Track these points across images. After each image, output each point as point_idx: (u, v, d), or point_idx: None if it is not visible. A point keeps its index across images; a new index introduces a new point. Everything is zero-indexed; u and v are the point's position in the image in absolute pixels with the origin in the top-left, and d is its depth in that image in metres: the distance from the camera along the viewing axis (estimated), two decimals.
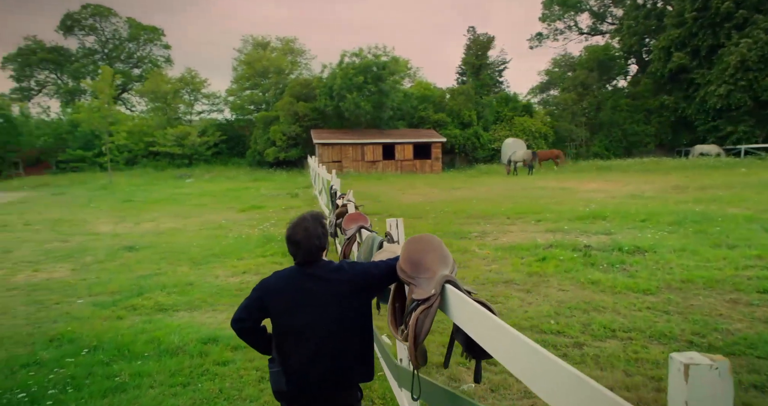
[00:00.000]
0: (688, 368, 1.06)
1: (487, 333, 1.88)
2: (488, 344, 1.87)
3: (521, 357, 1.61)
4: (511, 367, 1.70)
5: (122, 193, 22.14)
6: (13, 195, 25.45)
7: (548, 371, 1.46)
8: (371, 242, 3.84)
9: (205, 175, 32.18)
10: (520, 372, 1.62)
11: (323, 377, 2.39)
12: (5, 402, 3.61)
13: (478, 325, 1.95)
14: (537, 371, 1.52)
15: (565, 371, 1.37)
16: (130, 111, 52.18)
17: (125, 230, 12.64)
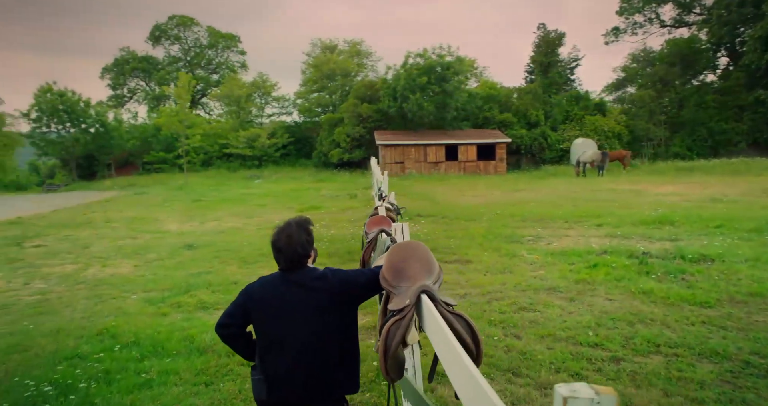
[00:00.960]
0: (566, 402, 0.98)
1: (442, 350, 1.82)
2: (443, 360, 1.82)
3: (461, 380, 1.56)
4: (454, 385, 1.65)
5: (194, 193, 23.44)
6: (104, 194, 27.65)
7: (480, 398, 1.40)
8: (384, 247, 3.82)
9: (273, 176, 33.39)
10: (459, 393, 1.57)
11: (303, 388, 2.35)
12: (34, 394, 3.92)
13: (437, 341, 1.90)
14: (471, 397, 1.46)
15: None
16: (208, 115, 55.09)
17: (190, 228, 13.38)
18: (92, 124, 40.63)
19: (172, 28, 58.37)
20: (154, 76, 56.30)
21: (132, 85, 58.46)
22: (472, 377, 1.46)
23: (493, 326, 5.49)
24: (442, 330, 1.91)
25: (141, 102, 58.06)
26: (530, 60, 43.52)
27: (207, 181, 30.42)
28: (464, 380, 1.52)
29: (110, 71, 56.09)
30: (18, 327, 5.70)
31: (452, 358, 1.70)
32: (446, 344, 1.83)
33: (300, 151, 41.09)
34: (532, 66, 43.33)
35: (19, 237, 12.34)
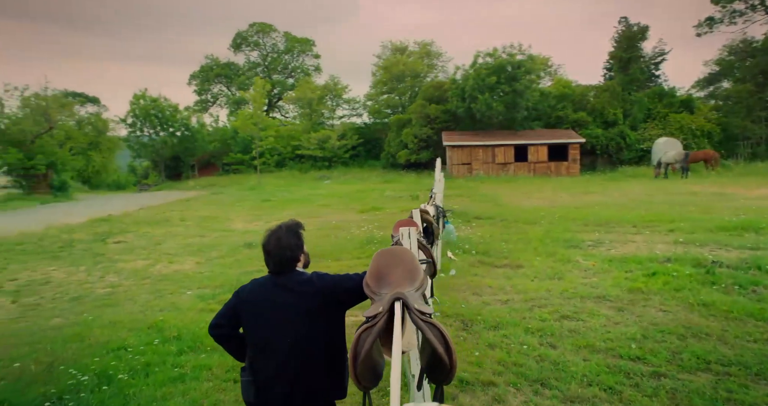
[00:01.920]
0: None
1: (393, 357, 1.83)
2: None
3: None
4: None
5: (265, 194, 24.46)
6: (186, 194, 29.52)
7: None
8: None
9: (341, 177, 34.13)
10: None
11: (289, 392, 2.37)
12: (75, 382, 4.24)
13: (395, 349, 1.90)
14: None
15: None
16: (283, 117, 57.26)
17: (255, 227, 14.00)
18: (178, 128, 43.57)
19: (252, 35, 61.18)
20: (235, 81, 59.33)
21: (215, 91, 61.92)
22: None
23: (529, 334, 5.34)
24: (396, 337, 1.93)
25: (223, 106, 61.45)
26: (609, 56, 41.44)
27: (278, 182, 31.63)
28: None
29: (196, 78, 59.73)
30: (82, 318, 6.26)
31: (394, 365, 1.71)
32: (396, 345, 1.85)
33: (369, 152, 41.68)
34: (611, 62, 41.23)
35: (105, 233, 13.49)
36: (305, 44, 61.34)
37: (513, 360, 4.71)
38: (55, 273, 9.17)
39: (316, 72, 61.55)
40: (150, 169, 49.92)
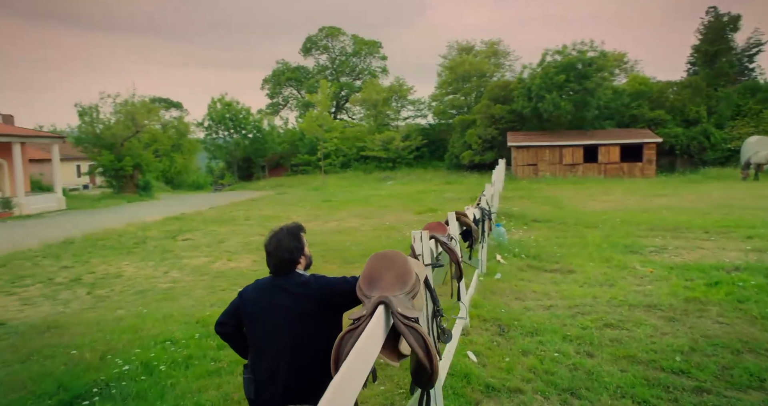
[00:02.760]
0: None
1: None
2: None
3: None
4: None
5: (327, 194, 25.06)
6: (255, 194, 30.81)
7: None
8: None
9: (404, 178, 34.28)
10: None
11: (284, 391, 2.43)
12: (119, 371, 4.56)
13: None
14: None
15: None
16: (350, 119, 58.29)
17: (313, 227, 14.40)
18: (250, 131, 45.57)
19: (322, 39, 62.75)
20: (305, 84, 61.13)
21: (286, 94, 64.10)
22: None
23: (567, 341, 5.18)
24: (376, 342, 2.00)
25: (293, 109, 63.54)
26: (693, 50, 38.84)
27: (342, 183, 32.27)
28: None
29: (269, 82, 62.12)
30: (142, 311, 6.75)
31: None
32: (372, 356, 1.92)
33: (433, 153, 41.56)
34: (695, 56, 38.62)
35: (176, 231, 14.41)
36: (372, 46, 62.11)
37: (545, 368, 4.60)
38: (127, 267, 9.94)
39: (382, 74, 62.13)
40: (224, 170, 52.49)
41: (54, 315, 6.92)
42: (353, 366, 1.75)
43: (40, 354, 5.29)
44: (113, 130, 32.25)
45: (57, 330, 6.11)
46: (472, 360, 4.80)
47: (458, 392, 4.20)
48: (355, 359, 1.80)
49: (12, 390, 4.47)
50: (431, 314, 3.29)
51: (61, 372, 4.65)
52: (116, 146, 31.90)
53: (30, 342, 5.77)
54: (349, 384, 1.67)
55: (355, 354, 1.82)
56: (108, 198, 29.33)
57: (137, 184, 32.50)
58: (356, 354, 1.82)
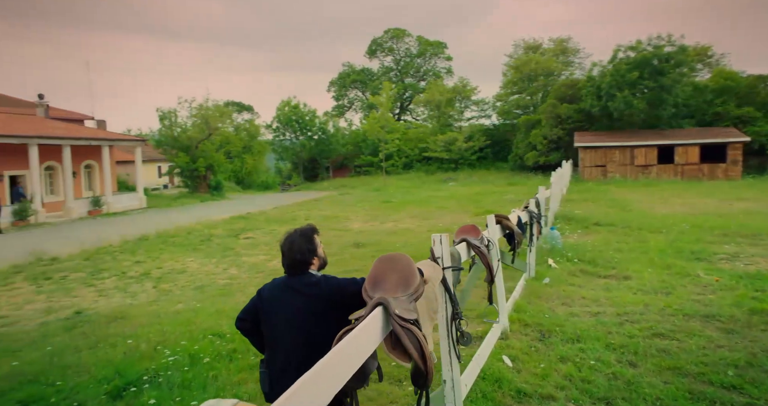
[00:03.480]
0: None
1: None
2: None
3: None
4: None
5: (387, 195, 25.28)
6: (318, 194, 31.64)
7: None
8: (450, 256, 3.88)
9: (467, 179, 33.95)
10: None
11: None
12: (163, 361, 4.85)
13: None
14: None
15: None
16: (414, 120, 58.42)
17: (369, 227, 14.63)
18: (316, 132, 46.82)
19: (387, 41, 63.35)
20: (369, 86, 62.02)
21: (351, 96, 65.31)
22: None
23: (610, 350, 4.99)
24: (373, 341, 2.08)
25: (358, 111, 64.62)
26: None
27: (403, 184, 32.43)
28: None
29: (335, 84, 63.53)
30: (197, 305, 7.17)
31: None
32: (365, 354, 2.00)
33: (497, 154, 40.86)
34: None
35: (239, 230, 15.11)
36: (437, 47, 61.93)
37: (582, 376, 4.47)
38: (191, 264, 10.57)
39: (447, 74, 61.77)
40: (291, 170, 54.22)
41: (122, 306, 7.51)
42: (336, 357, 1.86)
43: (106, 342, 5.78)
44: (189, 133, 34.24)
45: (122, 321, 6.63)
46: (507, 365, 4.75)
47: (488, 396, 4.18)
48: (340, 350, 1.90)
49: (77, 374, 4.92)
50: (450, 316, 3.32)
51: (120, 360, 5.06)
52: (191, 148, 33.84)
53: (99, 330, 6.31)
54: (329, 373, 1.77)
55: (342, 346, 1.91)
56: (183, 197, 31.15)
57: (209, 185, 34.29)
58: (342, 346, 1.92)
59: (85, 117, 36.35)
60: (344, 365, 1.93)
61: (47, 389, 4.63)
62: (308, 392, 1.64)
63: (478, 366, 4.31)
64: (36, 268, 10.94)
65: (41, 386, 4.72)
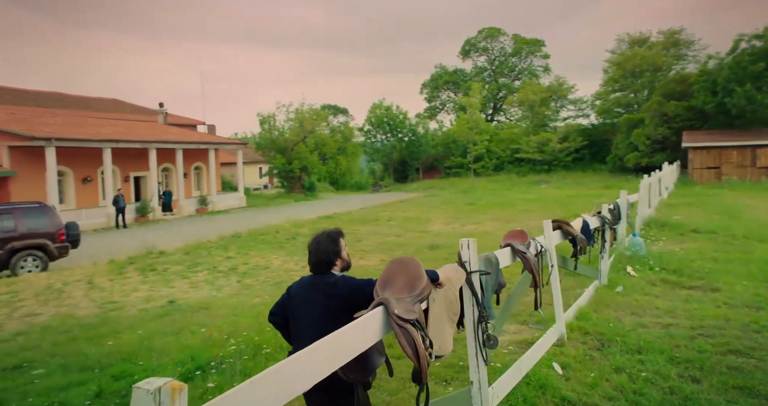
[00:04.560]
0: (132, 390, 1.32)
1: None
2: None
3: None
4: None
5: (473, 197, 25.01)
6: (406, 195, 32.08)
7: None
8: (485, 260, 3.91)
9: (560, 181, 32.61)
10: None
11: None
12: (231, 350, 5.22)
13: None
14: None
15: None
16: (508, 120, 57.06)
17: (449, 229, 14.64)
18: (406, 134, 47.42)
19: (481, 41, 62.45)
20: (462, 87, 61.50)
21: (444, 97, 65.17)
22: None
23: (673, 364, 4.70)
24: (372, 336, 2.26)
25: (450, 112, 64.33)
26: None
27: (491, 186, 31.85)
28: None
29: (427, 86, 63.77)
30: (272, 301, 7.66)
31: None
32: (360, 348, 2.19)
33: (595, 155, 38.79)
34: None
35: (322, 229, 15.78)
36: (534, 45, 59.97)
37: (635, 388, 4.27)
38: (275, 261, 11.29)
39: (544, 73, 59.62)
40: (383, 172, 55.31)
41: (208, 298, 8.25)
42: (330, 341, 2.08)
43: (188, 329, 6.42)
44: (285, 136, 36.23)
45: (205, 311, 7.31)
46: (557, 372, 4.65)
47: (529, 402, 4.14)
48: (335, 336, 2.11)
49: (160, 356, 5.55)
50: (476, 319, 3.38)
51: (196, 346, 5.62)
52: (287, 150, 35.78)
53: (184, 319, 7.02)
54: (324, 350, 2.02)
55: (337, 334, 2.12)
56: (279, 197, 33.01)
57: (303, 185, 36.03)
58: (337, 334, 2.13)
59: (198, 122, 39.77)
60: (338, 349, 2.14)
61: (134, 367, 5.28)
62: (304, 363, 1.92)
63: (520, 371, 4.28)
64: (146, 260, 12.28)
65: (131, 364, 5.38)
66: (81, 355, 5.91)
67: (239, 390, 1.61)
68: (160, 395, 1.27)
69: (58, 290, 9.85)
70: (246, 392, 1.63)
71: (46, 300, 9.16)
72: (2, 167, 19.69)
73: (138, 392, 1.29)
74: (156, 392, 1.27)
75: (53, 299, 9.19)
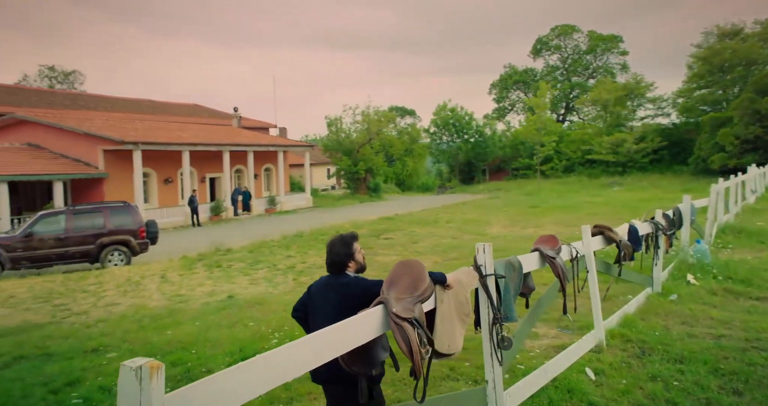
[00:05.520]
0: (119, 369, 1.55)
1: None
2: None
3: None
4: None
5: (537, 200, 24.40)
6: (469, 197, 31.81)
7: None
8: (506, 264, 3.98)
9: (635, 184, 31.06)
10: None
11: (327, 369, 2.75)
12: (272, 342, 5.55)
13: None
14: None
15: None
16: (582, 120, 54.99)
17: (507, 232, 14.47)
18: (472, 135, 46.95)
19: (553, 39, 60.65)
20: (532, 87, 59.97)
21: (513, 98, 63.82)
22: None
23: (715, 375, 4.50)
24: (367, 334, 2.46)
25: (520, 112, 62.89)
26: None
27: (559, 188, 30.88)
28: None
29: (496, 86, 62.75)
30: None
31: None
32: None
33: (675, 156, 36.56)
34: None
35: (382, 230, 16.09)
36: (611, 42, 57.41)
37: (669, 397, 4.15)
38: None
39: (622, 70, 56.87)
40: (449, 173, 55.05)
41: (264, 294, 8.73)
42: (320, 335, 2.31)
43: (241, 323, 6.88)
44: (351, 138, 37.04)
45: (259, 306, 7.77)
46: (589, 377, 4.60)
47: (554, 404, 4.15)
48: (327, 331, 2.34)
49: (214, 347, 6.00)
50: (491, 321, 3.46)
51: (246, 339, 6.03)
52: (353, 152, 36.55)
53: (240, 313, 7.50)
54: (308, 346, 2.23)
55: (338, 325, 2.38)
56: (345, 198, 33.80)
57: (368, 186, 36.66)
58: (338, 325, 2.38)
59: (270, 125, 41.53)
60: (335, 342, 2.38)
61: (190, 355, 5.76)
62: (297, 352, 2.17)
63: (546, 373, 4.29)
64: (214, 257, 13.11)
65: (187, 352, 5.87)
66: (147, 343, 6.50)
67: (228, 372, 1.84)
68: (141, 372, 1.52)
69: (135, 282, 10.77)
70: (235, 374, 1.87)
71: (125, 291, 10.07)
72: (98, 169, 21.64)
73: (124, 368, 1.54)
74: (138, 369, 1.52)
75: (131, 291, 10.07)
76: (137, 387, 1.52)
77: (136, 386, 1.52)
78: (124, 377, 1.54)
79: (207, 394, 1.75)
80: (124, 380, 1.54)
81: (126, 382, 1.54)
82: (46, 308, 9.08)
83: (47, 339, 6.92)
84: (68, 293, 10.15)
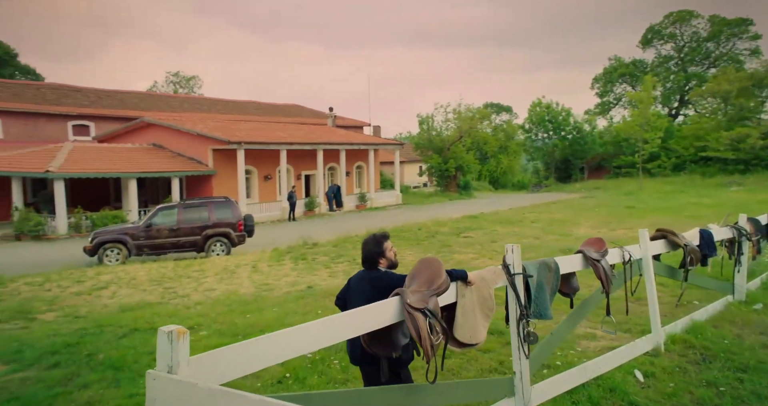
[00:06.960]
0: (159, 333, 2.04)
1: None
2: None
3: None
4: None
5: (636, 200, 22.95)
6: (564, 196, 30.67)
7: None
8: (540, 264, 4.09)
9: (756, 184, 28.11)
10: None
11: (361, 354, 3.29)
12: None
13: None
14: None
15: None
16: (700, 114, 50.53)
17: (594, 234, 13.90)
18: (569, 132, 44.95)
19: (667, 27, 56.20)
20: (640, 79, 55.90)
21: (618, 92, 59.97)
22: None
23: None
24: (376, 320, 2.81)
25: (626, 107, 58.98)
26: None
27: (664, 188, 28.73)
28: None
29: (599, 80, 59.36)
30: None
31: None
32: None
33: None
34: None
35: (463, 228, 16.14)
36: (738, 26, 51.79)
37: (719, 403, 4.04)
38: (409, 256, 12.01)
39: (752, 56, 51.02)
40: (544, 171, 53.15)
41: (340, 286, 9.26)
42: (338, 318, 2.71)
43: (314, 312, 7.41)
44: (442, 136, 37.14)
45: (332, 297, 8.26)
46: (637, 379, 4.56)
47: (593, 401, 4.18)
48: (345, 315, 2.74)
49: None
50: (518, 317, 3.64)
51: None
52: (443, 150, 36.62)
53: (315, 302, 8.10)
54: (348, 320, 2.72)
55: (359, 310, 2.79)
56: (434, 196, 34.02)
57: (458, 184, 36.55)
58: (359, 310, 2.79)
59: (364, 124, 42.82)
60: (351, 325, 2.79)
61: None
62: (314, 331, 2.62)
63: (585, 372, 4.33)
64: (301, 250, 14.01)
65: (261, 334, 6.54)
66: (232, 324, 7.29)
67: (247, 344, 2.29)
68: (172, 335, 2.00)
69: (231, 271, 11.89)
70: (251, 346, 2.32)
71: (221, 279, 11.17)
72: (207, 167, 23.82)
73: (160, 332, 2.04)
74: (170, 333, 2.00)
75: (226, 278, 11.16)
76: (169, 346, 2.00)
77: (168, 346, 2.00)
78: (160, 338, 2.02)
79: (226, 357, 2.21)
80: (161, 341, 2.02)
81: (162, 342, 2.02)
82: (158, 290, 10.34)
83: (156, 316, 7.96)
84: (176, 278, 11.46)
